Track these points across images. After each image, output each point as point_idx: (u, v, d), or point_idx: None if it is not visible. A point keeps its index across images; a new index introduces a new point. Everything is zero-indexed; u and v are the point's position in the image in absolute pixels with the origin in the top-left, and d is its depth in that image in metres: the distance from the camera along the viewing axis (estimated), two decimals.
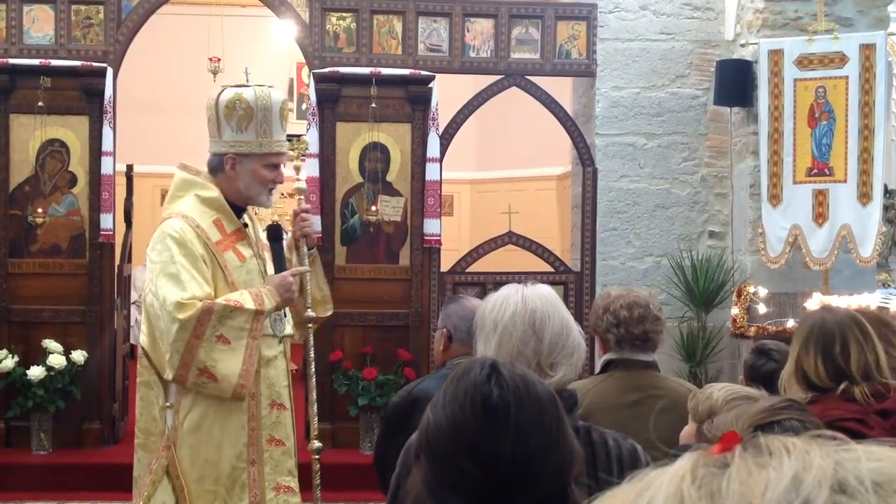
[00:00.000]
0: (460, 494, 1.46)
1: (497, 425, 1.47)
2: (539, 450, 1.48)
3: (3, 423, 6.34)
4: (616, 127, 6.77)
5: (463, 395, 1.50)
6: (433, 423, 1.51)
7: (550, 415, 1.52)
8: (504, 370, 1.53)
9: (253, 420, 3.32)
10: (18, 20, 6.46)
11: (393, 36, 6.70)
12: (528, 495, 1.46)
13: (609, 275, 6.73)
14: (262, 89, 3.47)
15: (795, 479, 0.64)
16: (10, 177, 6.42)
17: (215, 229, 3.34)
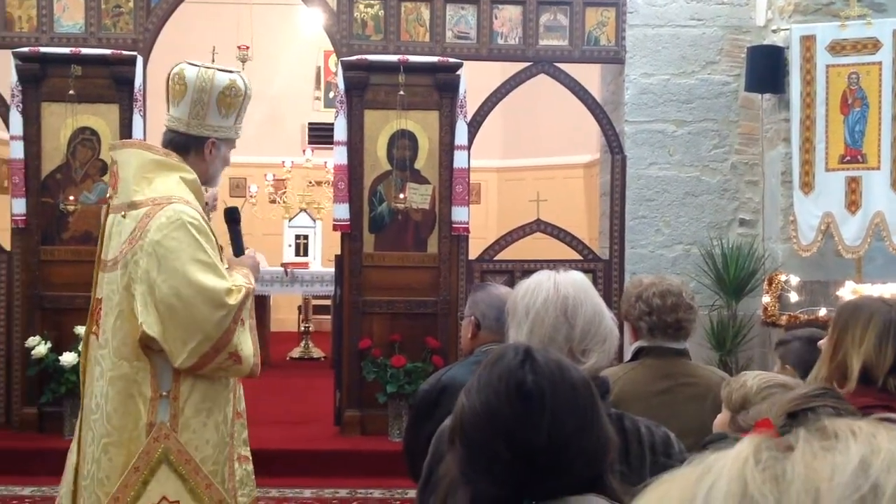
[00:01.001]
0: (495, 479, 1.46)
1: (532, 411, 1.46)
2: (573, 435, 1.47)
3: (36, 408, 6.42)
4: (645, 114, 6.73)
5: (497, 380, 1.50)
6: (468, 409, 1.51)
7: (585, 400, 1.52)
8: (538, 356, 1.52)
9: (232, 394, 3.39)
10: (49, 8, 6.50)
11: (421, 23, 6.68)
12: (563, 481, 1.46)
13: (638, 263, 6.69)
14: (245, 76, 3.45)
15: (863, 463, 0.62)
16: (41, 165, 6.48)
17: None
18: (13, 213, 6.43)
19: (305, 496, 5.78)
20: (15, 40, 6.48)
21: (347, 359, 6.63)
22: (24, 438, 6.29)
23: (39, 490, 5.71)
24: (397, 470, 5.91)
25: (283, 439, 6.44)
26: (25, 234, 6.46)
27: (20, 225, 6.45)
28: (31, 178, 6.44)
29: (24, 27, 6.51)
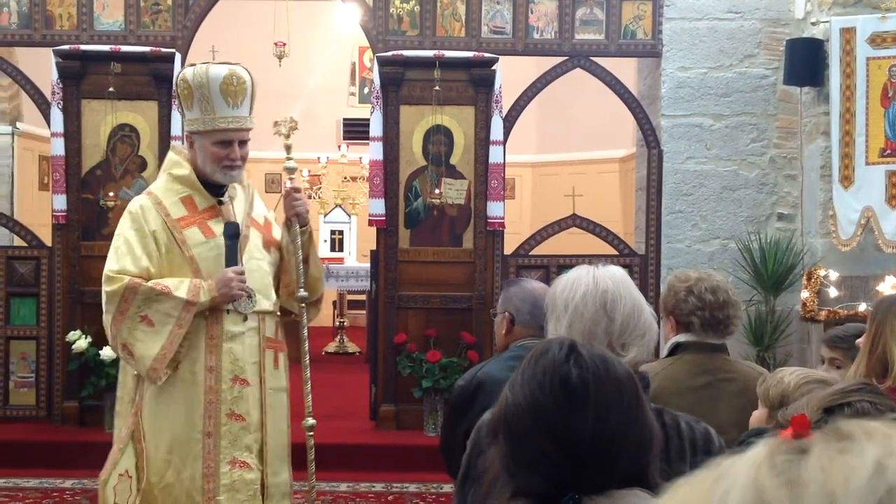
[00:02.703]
0: (539, 473, 1.46)
1: (576, 405, 1.46)
2: (618, 430, 1.47)
3: (76, 402, 6.51)
4: (682, 108, 6.67)
5: (542, 374, 1.50)
6: (512, 403, 1.51)
7: (629, 394, 1.51)
8: (583, 350, 1.52)
9: (211, 393, 3.36)
10: (89, 6, 6.58)
11: (456, 18, 6.68)
12: (608, 475, 1.45)
13: (674, 258, 6.65)
14: (199, 66, 3.46)
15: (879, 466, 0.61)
16: (82, 161, 6.56)
17: (181, 206, 3.42)
18: (54, 209, 6.52)
19: (341, 490, 5.81)
20: (56, 38, 6.57)
21: (383, 354, 6.66)
22: (65, 432, 6.38)
23: (80, 483, 5.78)
24: (433, 464, 5.94)
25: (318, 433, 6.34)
26: (66, 230, 6.55)
27: (61, 221, 6.53)
28: (72, 175, 6.52)
29: (64, 25, 6.59)
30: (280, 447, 3.49)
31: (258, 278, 3.47)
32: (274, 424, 3.47)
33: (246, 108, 3.44)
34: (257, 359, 3.42)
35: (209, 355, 3.37)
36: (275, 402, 3.48)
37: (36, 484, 5.79)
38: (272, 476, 3.44)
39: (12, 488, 5.71)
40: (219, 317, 3.38)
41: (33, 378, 6.63)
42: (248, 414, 3.39)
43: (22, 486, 5.76)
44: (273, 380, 3.48)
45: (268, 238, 3.54)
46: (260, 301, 3.44)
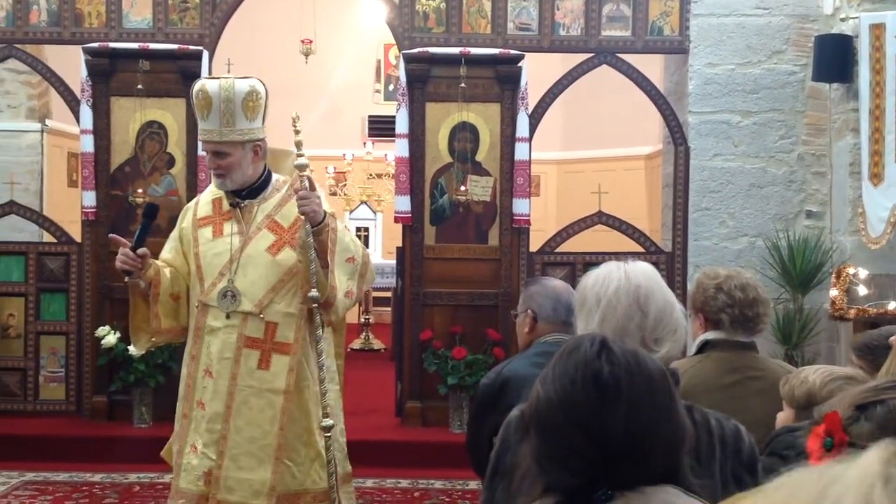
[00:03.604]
0: (570, 469, 1.46)
1: (608, 401, 1.46)
2: (651, 426, 1.46)
3: (105, 397, 6.57)
4: (710, 104, 6.64)
5: (573, 370, 1.50)
6: (543, 398, 1.51)
7: (662, 391, 1.51)
8: (614, 346, 1.52)
9: (189, 378, 3.59)
10: (118, 4, 6.63)
11: (482, 15, 6.67)
12: (639, 471, 1.45)
13: (701, 255, 6.62)
14: (201, 81, 3.60)
15: None
16: (111, 158, 6.61)
17: (209, 207, 3.66)
18: (83, 206, 6.58)
19: (367, 486, 5.83)
20: (85, 36, 6.62)
21: (408, 350, 6.67)
22: (94, 426, 6.44)
23: (109, 476, 5.84)
24: (458, 461, 5.93)
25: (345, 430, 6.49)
26: (95, 226, 6.61)
27: (90, 217, 6.59)
28: (101, 172, 6.58)
29: (93, 23, 6.65)
30: (257, 446, 3.49)
31: (251, 280, 3.52)
32: (249, 422, 3.49)
33: (214, 121, 3.48)
34: (231, 356, 3.50)
35: (194, 345, 3.57)
36: (256, 402, 3.50)
37: (66, 478, 5.85)
38: (234, 470, 3.47)
39: (42, 482, 5.77)
40: (206, 310, 3.54)
41: (63, 373, 6.70)
42: (208, 404, 3.52)
43: (52, 479, 5.81)
44: (253, 379, 3.50)
45: (284, 240, 3.56)
46: (244, 302, 3.50)
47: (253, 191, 3.60)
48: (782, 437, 2.69)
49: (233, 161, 3.50)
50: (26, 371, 6.71)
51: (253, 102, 3.51)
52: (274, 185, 3.64)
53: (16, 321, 6.71)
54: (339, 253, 3.50)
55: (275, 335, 3.51)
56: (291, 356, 3.50)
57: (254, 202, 3.59)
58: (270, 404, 3.50)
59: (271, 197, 3.61)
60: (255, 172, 3.59)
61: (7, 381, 6.71)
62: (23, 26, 6.67)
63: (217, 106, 3.45)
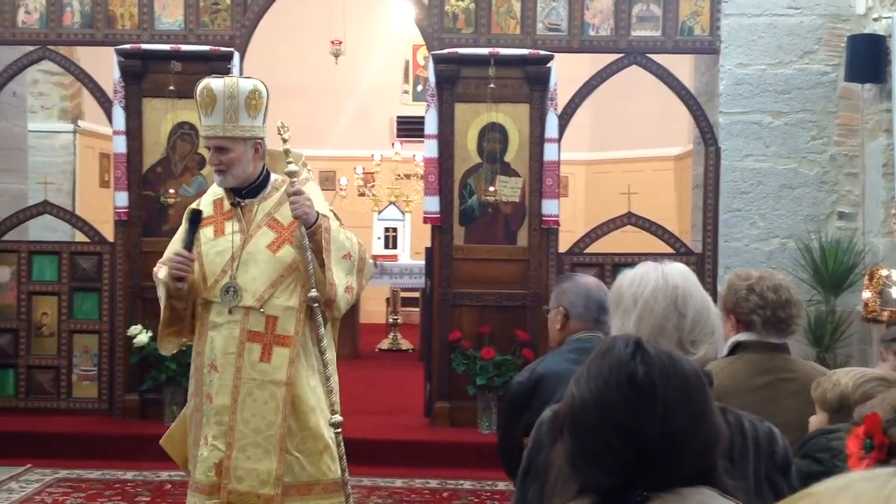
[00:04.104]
0: (604, 470, 1.46)
1: (643, 402, 1.45)
2: (685, 427, 1.46)
3: (137, 395, 6.63)
4: (741, 105, 6.60)
5: (608, 371, 1.50)
6: (577, 399, 1.51)
7: (697, 392, 1.50)
8: (649, 347, 1.52)
9: (197, 374, 3.69)
10: (150, 6, 6.69)
11: (512, 16, 6.67)
12: (674, 472, 1.45)
13: (732, 257, 6.58)
14: (205, 80, 3.67)
15: None
16: (143, 159, 6.67)
17: (211, 207, 3.74)
18: (116, 206, 6.65)
19: (396, 486, 5.85)
20: (117, 38, 6.69)
21: (437, 351, 6.68)
22: (126, 425, 6.50)
23: (141, 475, 5.89)
24: (487, 462, 5.96)
25: (373, 429, 6.52)
26: (128, 227, 6.67)
27: (123, 217, 6.66)
28: (133, 172, 6.64)
29: (125, 25, 6.71)
30: (262, 437, 3.60)
31: (252, 276, 3.62)
32: (254, 413, 3.60)
33: (218, 117, 3.58)
34: (234, 350, 3.61)
35: (199, 341, 3.68)
36: (259, 394, 3.61)
37: (98, 475, 5.91)
38: (242, 460, 3.58)
39: (75, 479, 5.83)
40: (209, 307, 3.64)
41: (95, 371, 6.78)
42: (215, 397, 3.62)
43: (85, 477, 5.88)
44: (257, 372, 3.61)
45: (284, 237, 3.66)
46: (246, 297, 3.61)
47: (253, 190, 3.70)
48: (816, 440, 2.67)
49: (234, 157, 3.60)
50: (59, 369, 6.79)
51: (255, 101, 3.62)
52: (273, 184, 3.74)
53: (49, 320, 6.79)
54: (334, 251, 3.61)
55: (275, 328, 3.62)
56: (291, 348, 3.62)
57: (254, 201, 3.69)
58: (273, 396, 3.61)
59: (270, 196, 3.71)
60: (255, 171, 3.69)
61: (41, 379, 6.80)
62: (56, 28, 6.74)
63: (221, 102, 3.56)
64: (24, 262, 6.79)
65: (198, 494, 3.60)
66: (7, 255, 6.81)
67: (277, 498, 3.57)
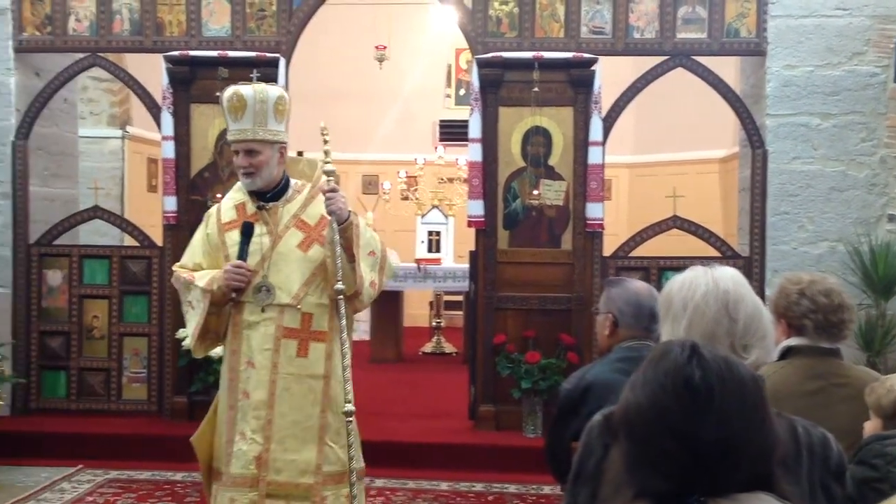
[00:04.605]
0: (661, 474, 1.46)
1: (700, 407, 1.45)
2: (742, 432, 1.46)
3: (185, 397, 6.71)
4: (788, 107, 6.53)
5: (664, 376, 1.49)
6: (633, 404, 1.51)
7: (754, 397, 1.50)
8: (705, 352, 1.51)
9: (232, 372, 3.77)
10: (197, 13, 6.78)
11: (556, 19, 6.67)
12: (732, 477, 1.45)
13: (780, 260, 6.52)
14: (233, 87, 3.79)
15: None
16: (191, 164, 6.76)
17: (233, 211, 3.84)
18: (165, 210, 6.74)
19: (442, 489, 5.86)
20: (165, 44, 6.78)
21: (482, 354, 6.68)
22: (174, 426, 6.57)
23: (190, 475, 5.95)
24: (532, 465, 5.96)
25: (418, 432, 6.54)
26: (176, 230, 6.76)
27: (171, 221, 6.75)
28: (182, 177, 6.73)
29: (174, 32, 6.81)
30: (301, 428, 3.72)
31: (284, 274, 3.74)
32: (292, 407, 3.72)
33: (248, 122, 3.71)
34: (270, 346, 3.72)
35: (234, 340, 3.77)
36: (297, 387, 3.73)
37: (148, 476, 5.99)
38: (280, 452, 3.69)
39: (126, 480, 5.92)
40: (241, 307, 3.75)
41: (145, 373, 6.88)
42: (252, 393, 3.72)
43: (135, 478, 5.96)
44: (294, 366, 3.72)
45: (312, 237, 3.78)
46: (279, 295, 3.73)
47: (276, 193, 3.82)
48: (871, 446, 2.64)
49: (263, 160, 3.73)
50: (110, 371, 6.90)
51: (282, 107, 3.77)
52: (294, 187, 3.87)
53: (100, 323, 6.90)
54: (362, 247, 3.74)
55: (311, 325, 3.75)
56: (327, 343, 3.75)
57: (278, 204, 3.81)
58: (311, 389, 3.74)
59: (293, 198, 3.84)
60: (279, 174, 3.82)
61: (92, 381, 6.91)
62: (106, 35, 6.85)
63: (252, 107, 3.69)
64: (75, 265, 6.91)
65: (237, 488, 3.69)
66: (59, 259, 6.93)
67: (318, 486, 3.71)
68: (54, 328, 6.92)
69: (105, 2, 6.82)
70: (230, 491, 3.70)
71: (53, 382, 6.93)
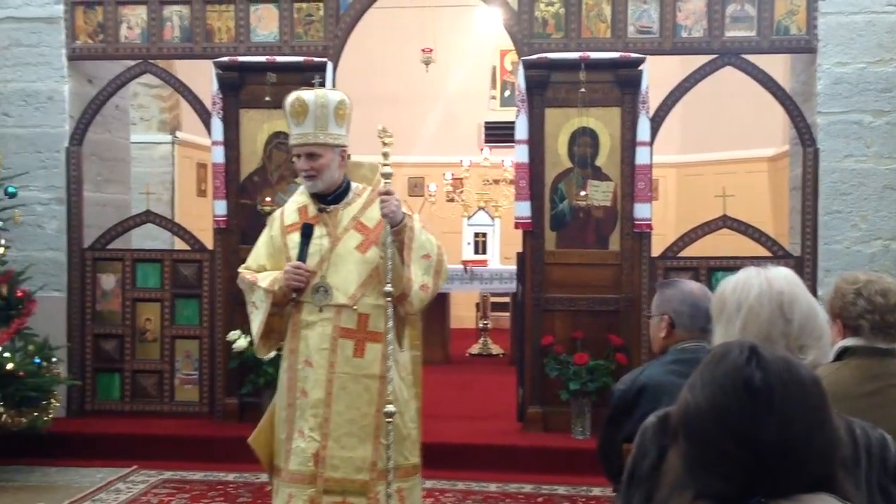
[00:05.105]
0: (722, 475, 1.46)
1: (760, 409, 1.44)
2: (803, 434, 1.45)
3: (236, 398, 6.79)
4: (840, 104, 6.44)
5: (723, 377, 1.49)
6: (692, 405, 1.51)
7: (815, 398, 1.49)
8: (765, 353, 1.51)
9: (291, 371, 3.85)
10: (246, 19, 6.85)
11: (602, 19, 6.65)
12: (794, 478, 1.44)
13: (832, 260, 6.43)
14: (295, 92, 3.86)
15: None
16: (240, 168, 6.84)
17: (295, 214, 3.93)
18: (215, 214, 6.82)
19: (491, 490, 5.87)
20: (215, 50, 6.87)
21: (530, 356, 6.68)
22: (226, 427, 6.66)
23: (242, 476, 6.03)
24: (581, 467, 5.95)
25: (467, 433, 6.55)
26: (226, 234, 6.85)
27: (221, 225, 6.83)
28: (231, 181, 6.81)
29: (223, 38, 6.89)
30: (357, 427, 3.79)
31: (342, 276, 3.81)
32: (348, 406, 3.78)
33: (309, 126, 3.79)
34: (327, 346, 3.79)
35: (292, 339, 3.86)
36: (353, 387, 3.79)
37: (201, 476, 6.07)
38: (337, 450, 3.75)
39: (179, 480, 6.01)
40: (300, 307, 3.82)
41: (197, 375, 6.97)
42: (310, 392, 3.79)
43: (188, 478, 6.05)
44: (350, 366, 3.79)
45: (370, 239, 3.84)
46: (336, 296, 3.79)
47: (337, 196, 3.90)
48: None
49: (324, 163, 3.81)
50: (163, 373, 7.01)
51: (343, 111, 3.84)
52: (354, 191, 3.94)
53: (152, 325, 7.01)
54: (415, 250, 3.80)
55: (367, 325, 3.81)
56: (383, 344, 3.79)
57: (338, 207, 3.89)
58: (367, 388, 3.80)
59: (354, 201, 3.91)
60: (339, 177, 3.90)
61: (145, 383, 7.02)
62: (157, 42, 6.96)
63: (313, 111, 3.77)
64: (128, 269, 7.02)
65: (295, 484, 3.76)
66: (112, 263, 7.05)
67: (373, 483, 3.77)
68: (108, 331, 7.04)
69: (156, 9, 6.93)
70: (289, 487, 3.77)
71: (108, 384, 7.05)
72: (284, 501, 3.78)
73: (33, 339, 6.12)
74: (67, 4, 6.99)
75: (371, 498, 3.77)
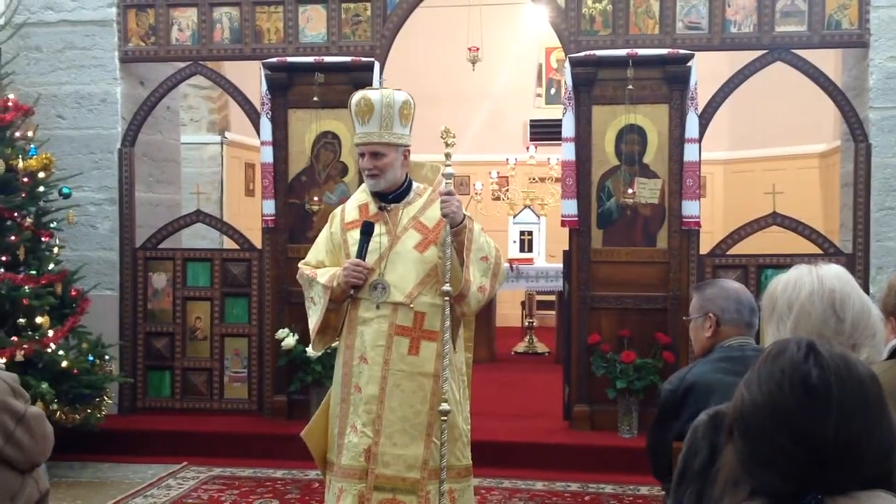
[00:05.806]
0: (778, 472, 1.45)
1: (818, 406, 1.43)
2: (862, 430, 1.44)
3: (285, 396, 6.86)
4: (892, 99, 6.34)
5: (780, 374, 1.48)
6: (748, 401, 1.50)
7: (873, 395, 1.47)
8: (822, 349, 1.49)
9: (346, 367, 3.87)
10: (294, 21, 6.91)
11: (650, 16, 6.60)
12: (851, 476, 1.43)
13: (884, 257, 6.33)
14: (361, 91, 3.90)
15: None
16: (288, 168, 6.90)
17: (356, 211, 3.96)
18: (264, 214, 6.89)
19: (537, 488, 5.86)
20: (264, 51, 6.94)
21: (576, 354, 6.66)
22: (274, 425, 6.73)
23: (290, 473, 6.09)
24: (629, 466, 5.92)
25: (513, 432, 6.55)
26: (275, 233, 6.92)
27: (270, 224, 6.90)
28: (279, 181, 6.88)
29: (272, 39, 6.96)
30: (409, 424, 3.80)
31: (400, 274, 3.82)
32: (402, 403, 3.79)
33: (374, 125, 3.82)
34: (383, 343, 3.80)
35: (349, 335, 3.88)
36: (407, 384, 3.80)
37: (250, 473, 6.14)
38: (389, 447, 3.77)
39: (229, 477, 6.08)
40: (357, 304, 3.85)
41: (245, 373, 7.05)
42: (364, 387, 3.81)
43: (238, 475, 6.12)
44: (405, 364, 3.80)
45: (429, 239, 3.86)
46: (394, 294, 3.81)
47: (399, 195, 3.92)
48: None
49: (387, 162, 3.84)
50: (212, 371, 7.10)
51: (407, 111, 3.87)
52: (415, 191, 3.96)
53: (202, 324, 7.10)
54: (474, 251, 3.81)
55: (423, 324, 3.82)
56: (438, 343, 3.80)
57: (398, 206, 3.91)
58: (421, 387, 3.81)
59: (414, 201, 3.93)
60: (402, 177, 3.92)
61: (195, 380, 7.11)
62: (207, 44, 7.04)
63: (379, 111, 3.80)
64: (178, 268, 7.12)
65: (346, 479, 3.79)
66: (163, 262, 7.15)
67: (423, 481, 3.78)
68: (159, 329, 7.14)
69: (206, 11, 7.01)
70: (340, 481, 3.80)
71: (159, 382, 7.16)
72: (335, 495, 3.81)
73: (87, 337, 6.22)
74: (120, 7, 7.11)
75: (421, 497, 3.77)
